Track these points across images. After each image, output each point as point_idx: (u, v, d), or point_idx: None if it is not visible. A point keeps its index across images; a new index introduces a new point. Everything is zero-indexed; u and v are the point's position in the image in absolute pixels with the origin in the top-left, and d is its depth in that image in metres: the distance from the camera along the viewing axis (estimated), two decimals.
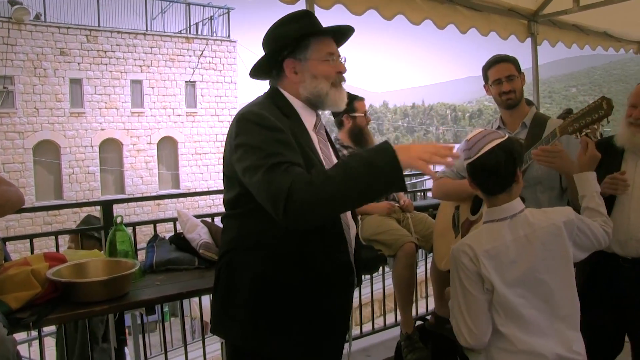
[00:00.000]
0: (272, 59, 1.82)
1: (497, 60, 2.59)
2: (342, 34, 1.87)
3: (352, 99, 3.26)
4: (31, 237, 2.76)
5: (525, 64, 5.20)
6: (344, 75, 1.83)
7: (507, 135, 1.86)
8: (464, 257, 1.82)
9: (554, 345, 1.76)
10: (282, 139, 1.63)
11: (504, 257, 1.79)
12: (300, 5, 3.29)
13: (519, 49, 5.23)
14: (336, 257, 1.76)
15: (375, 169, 1.47)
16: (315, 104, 1.82)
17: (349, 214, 1.85)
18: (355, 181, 1.47)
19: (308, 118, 1.82)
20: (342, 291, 1.82)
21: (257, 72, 1.89)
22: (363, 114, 3.27)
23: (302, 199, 1.47)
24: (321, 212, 1.53)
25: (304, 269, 1.70)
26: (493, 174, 1.81)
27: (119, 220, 2.46)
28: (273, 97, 1.81)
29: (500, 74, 2.56)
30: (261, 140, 1.61)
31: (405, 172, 1.59)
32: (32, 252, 2.70)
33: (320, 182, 1.48)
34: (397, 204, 3.19)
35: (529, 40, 5.07)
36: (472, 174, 1.87)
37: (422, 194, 4.90)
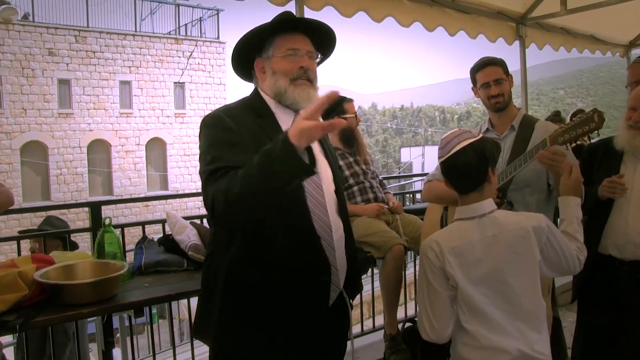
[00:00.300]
0: (245, 59, 1.84)
1: (485, 64, 2.58)
2: (319, 32, 1.82)
3: (342, 100, 3.26)
4: (18, 238, 2.73)
5: (514, 66, 5.26)
6: (309, 71, 1.76)
7: (480, 135, 1.87)
8: (430, 253, 1.84)
9: (516, 343, 1.77)
10: (229, 139, 1.63)
11: (469, 255, 1.80)
12: (290, 7, 3.29)
13: (507, 51, 5.27)
14: (304, 257, 1.71)
15: (270, 154, 1.43)
16: (280, 102, 1.79)
17: (332, 213, 1.78)
18: (259, 174, 1.44)
19: (283, 117, 1.79)
20: (314, 291, 1.74)
21: (243, 75, 1.91)
22: (353, 115, 3.27)
23: (220, 211, 1.50)
24: (242, 215, 1.52)
25: (269, 270, 1.69)
26: (464, 173, 1.83)
27: (107, 221, 2.44)
28: (250, 98, 1.84)
29: (488, 77, 2.56)
30: (209, 144, 1.65)
31: (393, 175, 1.60)
32: (19, 254, 2.67)
33: (232, 186, 1.48)
34: (386, 206, 3.20)
35: (517, 42, 5.12)
36: (445, 173, 1.90)
37: (410, 195, 4.92)
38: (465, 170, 1.82)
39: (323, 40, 1.86)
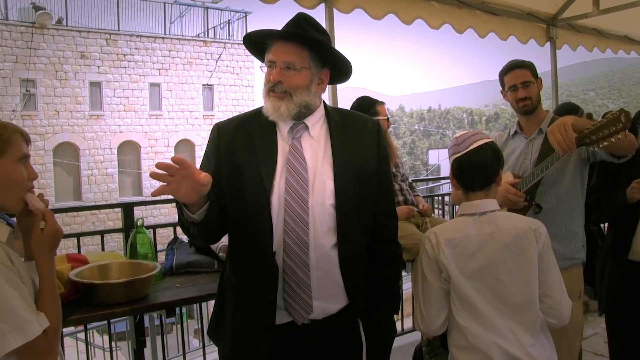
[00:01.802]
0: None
1: (513, 67, 2.55)
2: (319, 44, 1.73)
3: (374, 103, 3.30)
4: None
5: (545, 68, 5.18)
6: (281, 84, 1.69)
7: (490, 137, 1.94)
8: (427, 243, 1.88)
9: (507, 344, 1.76)
10: (208, 152, 1.82)
11: (464, 249, 1.81)
12: (320, 9, 3.31)
13: (538, 53, 5.20)
14: (255, 273, 1.72)
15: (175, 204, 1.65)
16: None
17: (319, 229, 1.69)
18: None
19: (283, 127, 1.78)
20: (258, 308, 1.71)
21: None
22: (385, 118, 3.27)
23: None
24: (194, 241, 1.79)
25: (232, 283, 1.82)
26: (480, 169, 1.86)
27: (139, 222, 2.48)
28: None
29: (516, 80, 2.53)
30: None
31: (421, 177, 1.60)
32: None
33: None
34: (415, 209, 3.18)
35: (548, 44, 5.04)
36: (458, 169, 1.91)
37: (439, 198, 4.89)
38: (482, 167, 1.86)
39: (323, 50, 1.76)
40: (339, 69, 1.84)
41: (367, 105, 3.20)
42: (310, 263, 1.69)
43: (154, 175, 1.50)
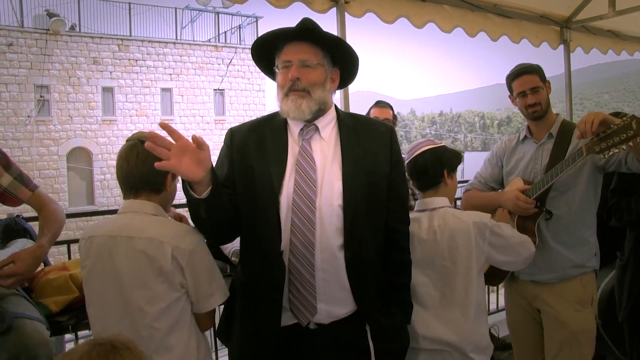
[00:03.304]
0: (270, 71, 1.87)
1: (520, 73, 2.50)
2: (330, 40, 1.78)
3: (372, 106, 3.51)
4: (68, 242, 2.82)
5: (558, 70, 5.14)
6: (299, 81, 1.71)
7: (441, 144, 2.19)
8: None
9: (445, 329, 1.99)
10: (222, 156, 1.85)
11: (415, 239, 2.05)
12: (332, 14, 3.30)
13: (551, 55, 5.16)
14: (261, 273, 1.73)
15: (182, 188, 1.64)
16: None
17: (327, 230, 1.70)
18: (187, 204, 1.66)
19: (294, 129, 1.81)
20: (267, 309, 1.73)
21: None
22: (389, 119, 3.35)
23: None
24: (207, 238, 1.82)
25: (242, 285, 1.84)
26: (422, 172, 2.14)
27: None
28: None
29: (524, 86, 2.47)
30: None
31: None
32: (69, 258, 2.75)
33: None
34: None
35: (561, 47, 4.99)
36: (408, 173, 2.16)
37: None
38: (423, 170, 2.13)
39: (335, 46, 1.80)
40: (348, 69, 1.88)
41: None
42: (315, 264, 1.69)
43: (149, 147, 1.50)
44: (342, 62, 1.84)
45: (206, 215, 1.62)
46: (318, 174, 1.73)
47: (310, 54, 1.74)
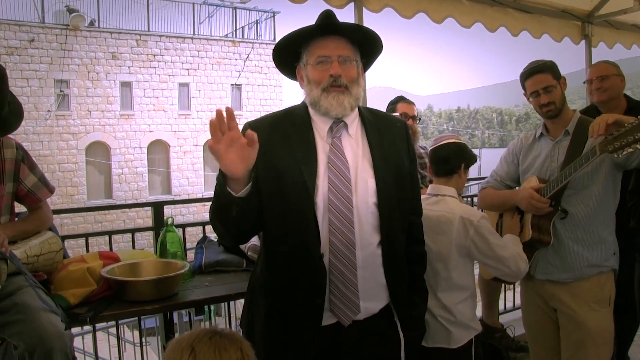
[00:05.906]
0: (288, 66, 1.83)
1: (533, 72, 2.44)
2: (357, 32, 1.76)
3: (396, 101, 3.49)
4: (87, 235, 2.85)
5: (579, 66, 5.03)
6: (341, 77, 1.69)
7: (461, 141, 2.37)
8: None
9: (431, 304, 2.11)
10: None
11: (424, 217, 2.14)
12: (349, 9, 3.28)
13: (573, 50, 5.07)
14: (300, 277, 1.68)
15: (218, 177, 1.58)
16: (317, 111, 1.75)
17: (365, 229, 1.70)
18: (214, 194, 1.63)
19: (321, 126, 1.76)
20: (304, 312, 1.70)
21: (293, 78, 1.89)
22: (399, 116, 3.31)
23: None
24: (215, 229, 1.74)
25: (273, 286, 1.76)
26: (443, 159, 2.31)
27: (169, 221, 2.50)
28: (298, 105, 1.83)
29: (537, 86, 2.41)
30: None
31: None
32: (87, 250, 2.78)
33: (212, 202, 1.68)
34: None
35: (583, 42, 4.90)
36: (430, 158, 2.38)
37: (469, 200, 4.81)
38: (445, 158, 2.31)
39: (364, 39, 1.79)
40: (366, 64, 1.88)
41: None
42: (357, 263, 1.68)
43: (214, 118, 1.45)
44: (366, 56, 1.84)
45: (236, 214, 1.57)
46: (351, 172, 1.71)
47: (348, 50, 1.72)
